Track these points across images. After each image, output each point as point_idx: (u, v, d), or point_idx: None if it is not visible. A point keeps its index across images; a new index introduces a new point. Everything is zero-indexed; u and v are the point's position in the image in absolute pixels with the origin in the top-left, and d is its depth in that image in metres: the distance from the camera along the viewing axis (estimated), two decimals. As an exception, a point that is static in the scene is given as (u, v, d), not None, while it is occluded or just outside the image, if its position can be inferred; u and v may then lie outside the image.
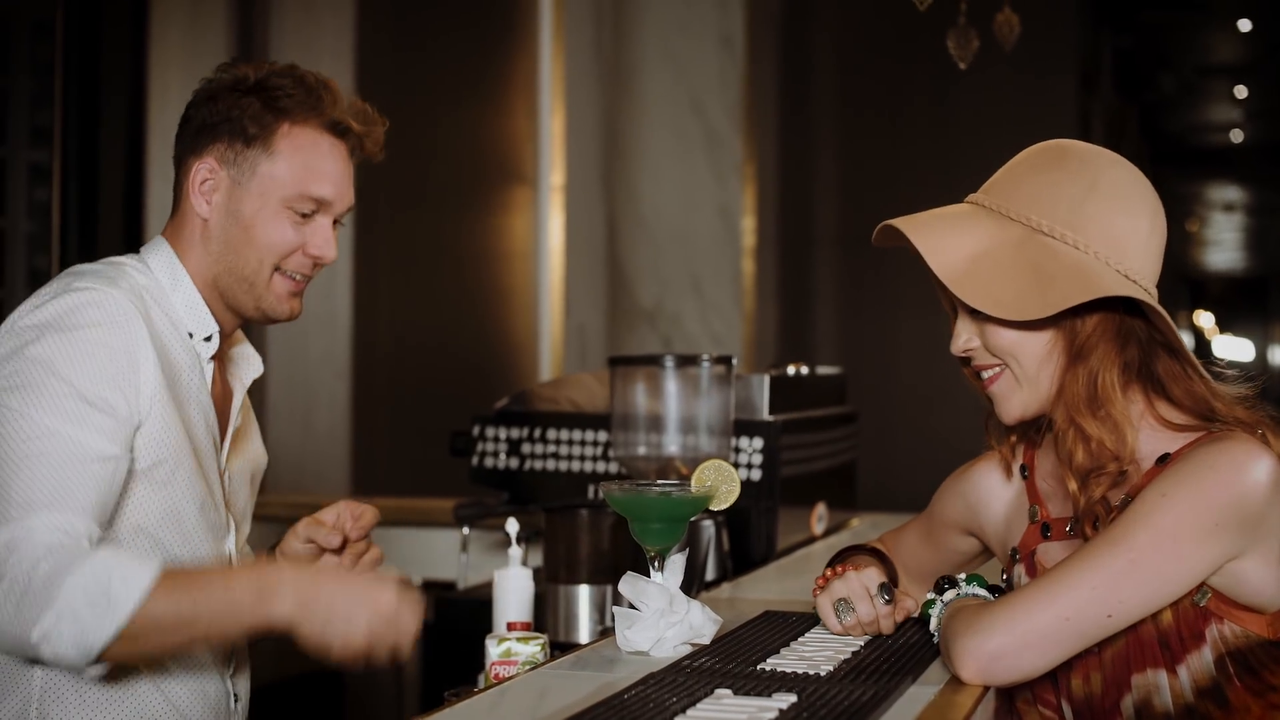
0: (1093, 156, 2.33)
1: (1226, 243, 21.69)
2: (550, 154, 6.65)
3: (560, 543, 3.28)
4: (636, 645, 2.43)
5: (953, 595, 2.40)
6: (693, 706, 2.00)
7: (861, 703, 2.03)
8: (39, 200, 4.68)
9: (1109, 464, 2.28)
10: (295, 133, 2.52)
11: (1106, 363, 2.29)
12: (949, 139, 8.56)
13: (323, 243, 2.57)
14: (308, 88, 2.53)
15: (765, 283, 7.91)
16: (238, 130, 2.50)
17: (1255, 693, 2.23)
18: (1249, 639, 2.23)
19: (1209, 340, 23.58)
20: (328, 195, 2.54)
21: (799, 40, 8.72)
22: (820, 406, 4.17)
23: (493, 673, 2.55)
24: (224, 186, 2.51)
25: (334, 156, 2.56)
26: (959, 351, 2.37)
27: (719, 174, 7.23)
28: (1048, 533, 2.42)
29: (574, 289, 6.76)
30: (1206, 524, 2.17)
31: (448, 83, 6.62)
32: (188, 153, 2.55)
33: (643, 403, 3.51)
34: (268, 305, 2.57)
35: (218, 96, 2.52)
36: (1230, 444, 2.22)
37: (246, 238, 2.52)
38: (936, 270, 2.28)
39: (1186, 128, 16.00)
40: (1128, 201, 2.29)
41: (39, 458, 2.23)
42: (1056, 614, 2.17)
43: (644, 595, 2.44)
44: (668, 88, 7.20)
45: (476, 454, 4.01)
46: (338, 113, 2.55)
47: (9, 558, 2.14)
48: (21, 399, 2.27)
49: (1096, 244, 2.25)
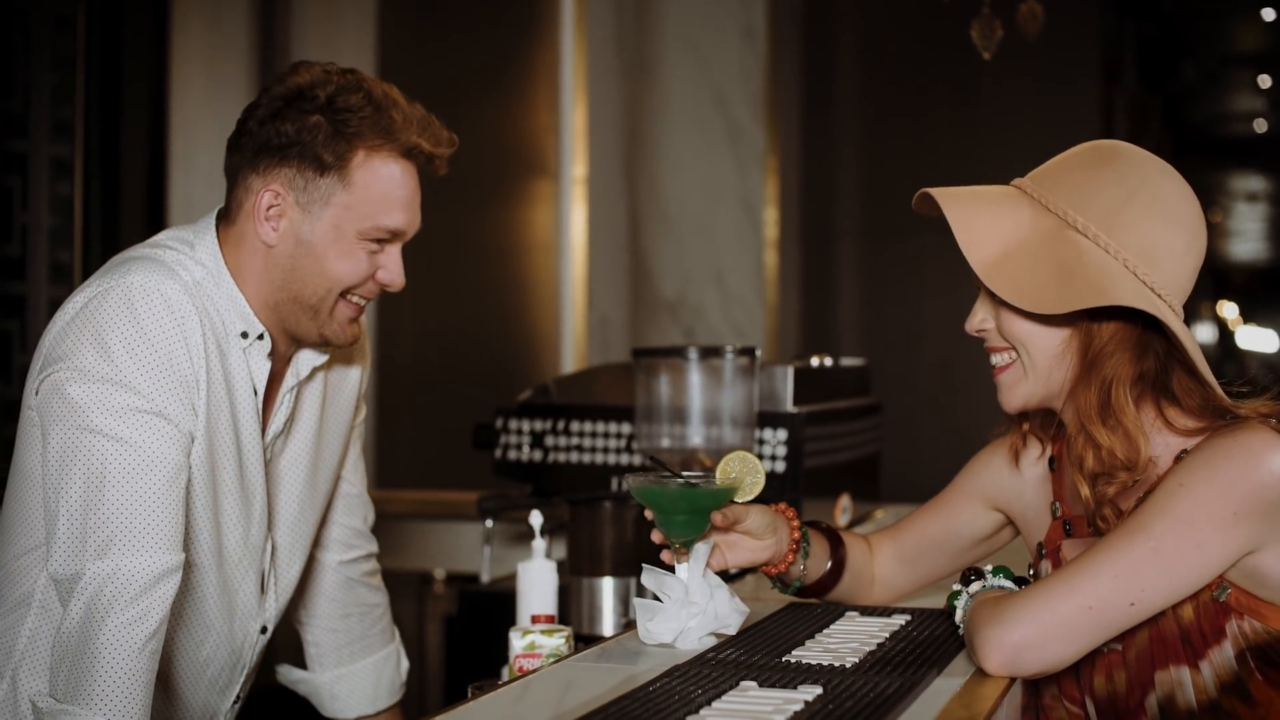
0: (1143, 162, 2.31)
1: (1250, 233, 21.62)
2: (572, 147, 6.65)
3: (584, 535, 3.28)
4: (659, 637, 2.41)
5: (979, 587, 2.38)
6: (718, 699, 1.99)
7: (887, 695, 2.03)
8: (61, 195, 4.68)
9: (1119, 472, 2.27)
10: (370, 162, 2.45)
11: (1121, 373, 2.27)
12: (971, 128, 8.54)
13: (395, 271, 2.53)
14: (377, 105, 2.46)
15: (788, 274, 7.91)
16: (309, 157, 2.43)
17: (1278, 686, 2.22)
18: (1270, 634, 2.22)
19: (1232, 331, 23.51)
20: (402, 225, 2.50)
21: (821, 32, 8.71)
22: (844, 398, 4.15)
23: (516, 665, 2.55)
24: (291, 213, 2.46)
25: (407, 184, 2.50)
26: (972, 330, 2.37)
27: (741, 166, 7.22)
28: (1069, 529, 2.42)
29: (596, 281, 6.76)
30: (1225, 512, 2.16)
31: (469, 76, 6.62)
32: (247, 168, 2.48)
33: (666, 395, 3.50)
34: (330, 332, 2.54)
35: (282, 114, 2.44)
36: (1246, 434, 2.20)
37: (318, 268, 2.47)
38: (963, 246, 2.27)
39: (1210, 117, 15.95)
40: (1169, 215, 2.27)
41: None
42: (1079, 604, 2.16)
43: (665, 587, 2.43)
44: (690, 80, 7.19)
45: (500, 447, 4.01)
46: (411, 136, 2.48)
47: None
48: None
49: (1128, 251, 2.23)
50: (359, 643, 2.96)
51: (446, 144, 2.57)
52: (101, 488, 2.30)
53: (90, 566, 2.28)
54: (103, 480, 2.30)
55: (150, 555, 2.30)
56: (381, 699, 2.98)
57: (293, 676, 2.98)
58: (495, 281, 6.70)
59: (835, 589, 2.68)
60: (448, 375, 6.47)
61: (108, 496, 2.30)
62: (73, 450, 2.31)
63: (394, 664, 3.01)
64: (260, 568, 2.62)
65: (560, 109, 6.69)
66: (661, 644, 2.41)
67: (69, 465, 2.31)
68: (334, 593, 2.92)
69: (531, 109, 6.76)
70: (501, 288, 6.72)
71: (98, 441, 2.31)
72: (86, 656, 2.26)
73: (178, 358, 2.37)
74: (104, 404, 2.31)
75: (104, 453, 2.31)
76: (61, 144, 4.72)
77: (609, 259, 6.90)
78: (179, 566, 2.34)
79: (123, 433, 2.31)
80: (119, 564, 2.28)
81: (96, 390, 2.31)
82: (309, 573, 2.87)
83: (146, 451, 2.33)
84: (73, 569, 2.29)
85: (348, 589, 2.93)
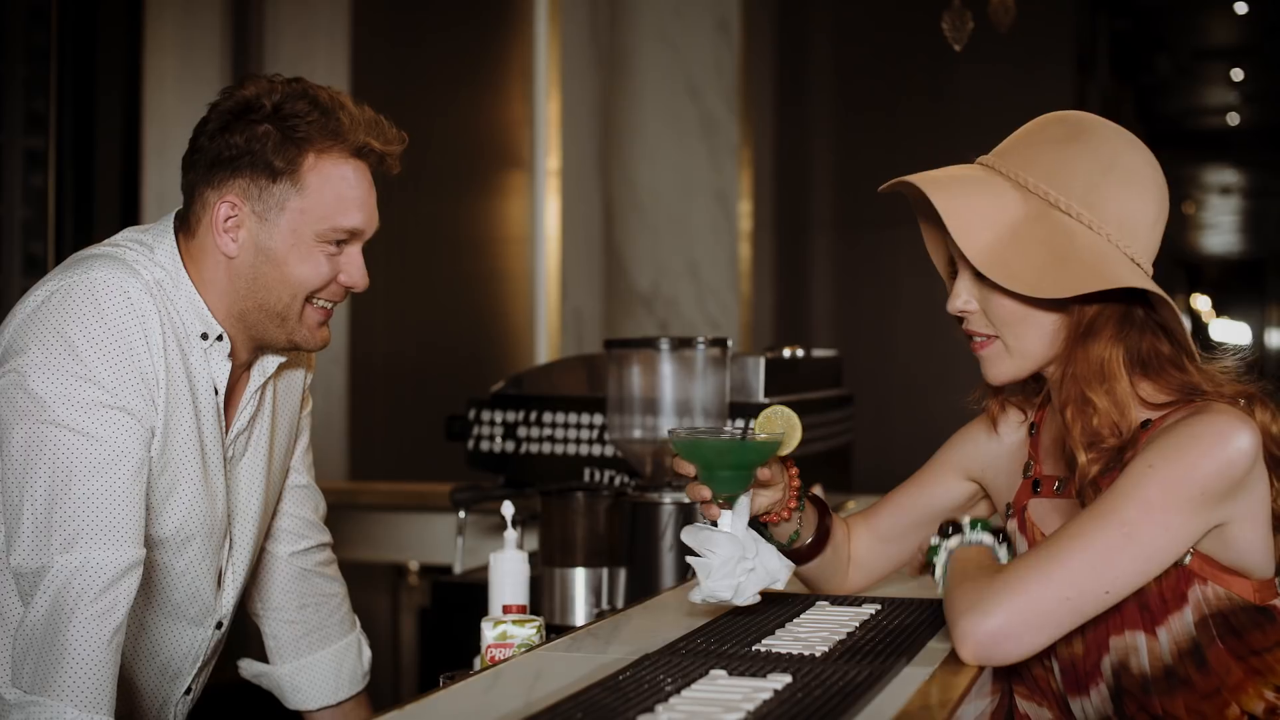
0: (1108, 133, 2.33)
1: (1223, 226, 21.66)
2: (546, 139, 6.65)
3: (556, 526, 3.29)
4: (718, 594, 2.38)
5: (956, 542, 2.40)
6: (688, 687, 2.00)
7: (856, 683, 2.04)
8: (35, 186, 4.68)
9: (1109, 437, 2.29)
10: (321, 165, 2.48)
11: (1113, 344, 2.29)
12: (944, 120, 8.55)
13: (356, 271, 2.55)
14: (324, 109, 2.48)
15: (762, 267, 7.91)
16: (261, 165, 2.45)
17: (1237, 655, 2.24)
18: (1232, 601, 2.24)
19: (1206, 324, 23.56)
20: (359, 225, 2.52)
21: (795, 24, 8.71)
22: (816, 389, 4.17)
23: (488, 655, 2.55)
24: (249, 223, 2.48)
25: (360, 183, 2.52)
26: (955, 311, 2.38)
27: (715, 158, 7.22)
28: (1037, 488, 2.45)
29: (570, 273, 6.76)
30: (1194, 494, 2.19)
31: (443, 68, 6.61)
32: (202, 184, 2.50)
33: (638, 386, 3.51)
34: (300, 337, 2.56)
35: (231, 127, 2.47)
36: (1212, 415, 2.22)
37: (280, 275, 2.49)
38: (958, 239, 2.27)
39: (1183, 111, 15.98)
40: (1142, 185, 2.30)
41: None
42: (1056, 593, 2.17)
43: (712, 543, 2.39)
44: (664, 72, 7.19)
45: (472, 438, 4.01)
46: (360, 136, 2.51)
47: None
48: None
49: (1110, 226, 2.26)
50: (317, 633, 2.96)
51: (397, 141, 2.59)
52: (68, 482, 2.31)
53: (57, 560, 2.29)
54: (69, 474, 2.31)
55: (117, 549, 2.32)
56: (343, 689, 2.98)
57: (254, 670, 2.98)
58: (469, 274, 6.70)
59: (817, 559, 2.67)
60: (421, 367, 6.47)
61: (74, 490, 2.31)
62: (38, 444, 2.32)
63: (355, 653, 3.01)
64: (218, 564, 2.64)
65: (534, 101, 6.69)
66: (718, 600, 2.39)
67: (34, 459, 2.31)
68: (288, 584, 2.93)
69: (505, 101, 6.76)
70: (475, 280, 6.73)
71: (63, 436, 2.32)
72: (55, 649, 2.27)
73: (139, 353, 2.38)
74: (69, 398, 2.32)
75: (70, 447, 2.32)
76: (35, 136, 4.72)
77: (583, 251, 6.91)
78: (141, 561, 2.36)
79: (88, 427, 2.32)
80: (87, 557, 2.29)
81: (61, 384, 2.32)
82: (262, 566, 2.89)
83: (112, 446, 2.34)
84: (38, 562, 2.30)
85: (302, 580, 2.94)
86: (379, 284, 2.57)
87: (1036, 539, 2.42)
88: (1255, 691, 2.24)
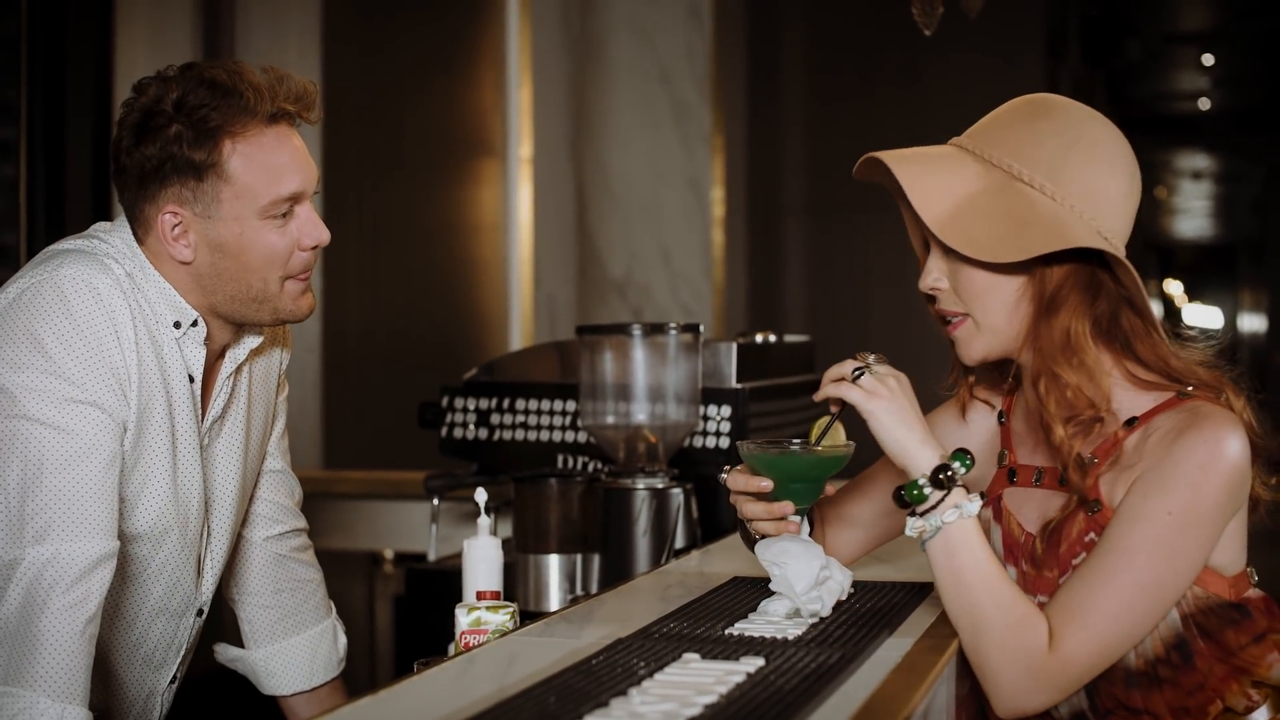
0: (1078, 112, 2.36)
1: (1195, 210, 21.71)
2: (518, 126, 6.65)
3: (529, 512, 3.30)
4: (810, 607, 2.37)
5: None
6: (660, 670, 2.00)
7: (829, 665, 2.05)
8: (5, 177, 4.66)
9: (1085, 410, 2.30)
10: (240, 145, 2.46)
11: (1079, 314, 2.31)
12: (917, 106, 8.57)
13: (312, 228, 2.54)
14: (225, 90, 2.45)
15: (735, 253, 7.92)
16: (184, 166, 2.44)
17: (1219, 656, 2.25)
18: (1209, 600, 2.26)
19: (1179, 309, 23.62)
20: (298, 187, 2.51)
21: (767, 10, 8.72)
22: (788, 374, 4.18)
23: (463, 641, 2.56)
24: (195, 225, 2.47)
25: (285, 146, 2.51)
26: (926, 288, 2.39)
27: (687, 145, 7.23)
28: (1013, 478, 2.46)
29: (543, 261, 6.76)
30: (1212, 520, 2.24)
31: (415, 56, 6.60)
32: (140, 201, 2.49)
33: (611, 372, 3.52)
34: (285, 312, 2.57)
35: (143, 139, 2.45)
36: (1206, 431, 2.23)
37: (241, 264, 2.49)
38: (918, 208, 2.29)
39: (1154, 95, 16.01)
40: (1109, 161, 2.32)
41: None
42: (1097, 665, 2.23)
43: (789, 556, 2.38)
44: (636, 59, 7.20)
45: (446, 425, 4.02)
46: (268, 104, 2.48)
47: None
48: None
49: (1074, 198, 2.27)
50: (292, 618, 2.96)
51: (309, 93, 2.55)
52: (39, 474, 2.31)
53: (29, 552, 2.30)
54: (40, 467, 2.32)
55: (88, 541, 2.32)
56: (318, 674, 2.99)
57: (229, 655, 2.99)
58: (442, 261, 6.70)
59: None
60: (395, 355, 6.46)
61: (45, 483, 2.31)
62: (9, 438, 2.32)
63: (330, 639, 3.01)
64: (197, 552, 2.65)
65: (506, 88, 6.69)
66: (812, 613, 2.37)
67: (4, 453, 2.32)
68: (264, 569, 2.93)
69: (477, 89, 6.75)
70: (448, 267, 6.72)
71: (34, 429, 2.32)
72: (28, 640, 2.28)
73: (109, 350, 2.39)
74: (39, 393, 2.33)
75: (41, 440, 2.32)
76: (5, 126, 4.70)
77: (555, 238, 6.91)
78: (114, 553, 2.37)
79: (59, 420, 2.33)
80: (59, 549, 2.30)
81: (31, 379, 2.33)
82: (238, 551, 2.89)
83: (83, 440, 2.35)
84: (10, 555, 2.30)
85: (278, 565, 2.94)
86: (352, 271, 2.58)
87: (1013, 528, 2.43)
88: (1238, 689, 2.26)
